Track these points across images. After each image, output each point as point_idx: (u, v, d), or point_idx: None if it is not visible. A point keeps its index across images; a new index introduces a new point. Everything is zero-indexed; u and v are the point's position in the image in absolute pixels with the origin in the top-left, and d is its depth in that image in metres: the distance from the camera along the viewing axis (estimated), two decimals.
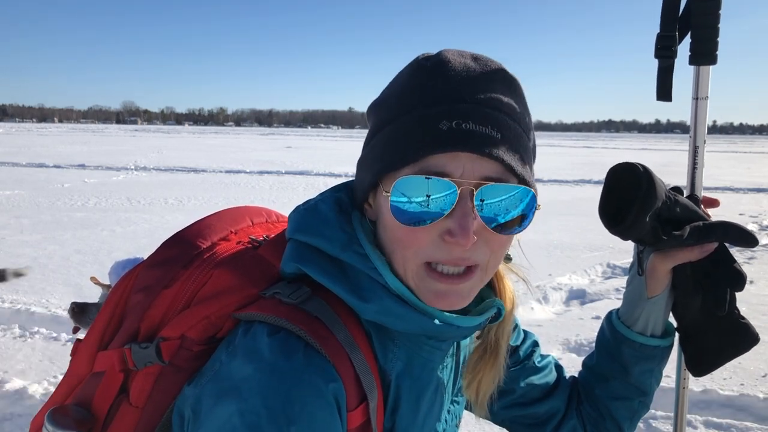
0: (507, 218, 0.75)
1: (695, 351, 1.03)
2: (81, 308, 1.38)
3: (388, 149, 0.77)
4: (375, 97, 0.85)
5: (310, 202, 0.85)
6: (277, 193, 12.62)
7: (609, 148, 44.98)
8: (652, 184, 0.89)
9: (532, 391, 1.10)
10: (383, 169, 0.77)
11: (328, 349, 0.73)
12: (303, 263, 0.79)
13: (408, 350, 0.83)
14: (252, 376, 0.70)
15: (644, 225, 0.89)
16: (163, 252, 0.88)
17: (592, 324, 4.72)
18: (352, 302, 0.78)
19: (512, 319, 0.95)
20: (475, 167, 0.73)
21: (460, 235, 0.72)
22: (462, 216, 0.72)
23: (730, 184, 15.36)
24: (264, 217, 1.00)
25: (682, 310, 1.02)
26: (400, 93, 0.79)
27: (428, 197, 0.73)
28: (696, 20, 1.00)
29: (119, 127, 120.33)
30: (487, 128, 0.73)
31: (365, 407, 0.76)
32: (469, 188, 0.72)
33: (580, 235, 8.19)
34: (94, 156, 23.02)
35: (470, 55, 0.79)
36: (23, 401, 3.39)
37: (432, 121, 0.73)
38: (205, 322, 0.79)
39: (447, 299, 0.77)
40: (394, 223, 0.75)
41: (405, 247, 0.76)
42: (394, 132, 0.76)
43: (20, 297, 5.14)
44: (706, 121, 1.06)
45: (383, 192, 0.77)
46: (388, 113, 0.79)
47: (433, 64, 0.77)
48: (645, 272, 1.00)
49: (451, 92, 0.74)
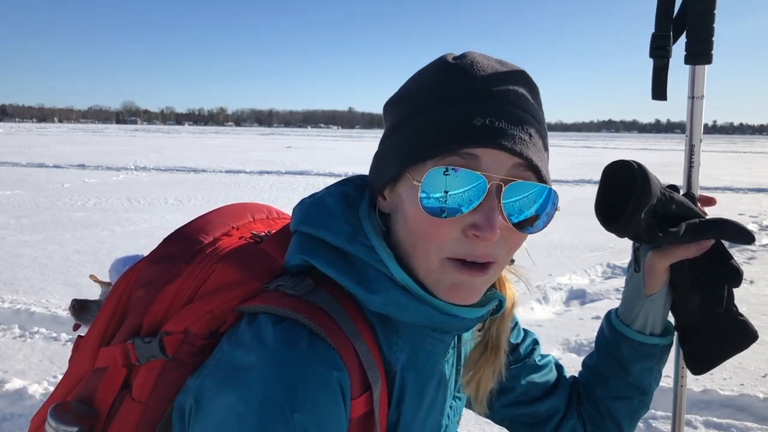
0: (528, 215, 0.77)
1: (694, 349, 1.03)
2: (81, 305, 1.39)
3: (416, 142, 0.77)
4: (392, 94, 0.86)
5: (315, 195, 0.86)
6: (277, 193, 12.62)
7: (609, 148, 44.98)
8: (647, 181, 0.89)
9: (532, 389, 1.10)
10: (411, 161, 0.77)
11: (332, 337, 0.73)
12: (309, 255, 0.79)
13: (412, 342, 0.83)
14: (256, 365, 0.70)
15: (640, 222, 0.90)
16: (164, 248, 0.88)
17: (592, 324, 4.72)
18: (358, 293, 0.78)
19: (512, 316, 0.96)
20: (503, 164, 0.75)
21: (487, 229, 0.73)
22: (489, 210, 0.74)
23: (729, 184, 15.30)
24: (265, 214, 1.00)
25: (681, 308, 1.02)
26: (428, 88, 0.80)
27: (457, 190, 0.74)
28: (691, 19, 1.01)
29: (119, 127, 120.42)
30: (517, 128, 0.75)
31: (369, 396, 0.76)
32: (498, 184, 0.74)
33: (580, 235, 8.19)
34: (94, 156, 23.03)
35: (495, 59, 0.82)
36: (23, 401, 3.39)
37: (466, 116, 0.74)
38: (209, 316, 0.80)
39: (462, 292, 0.78)
40: (419, 215, 0.76)
41: (428, 240, 0.77)
42: (425, 125, 0.77)
43: (20, 297, 5.14)
44: (702, 119, 1.07)
45: (413, 181, 0.77)
46: (417, 107, 0.80)
47: (463, 63, 0.79)
48: (642, 270, 1.01)
49: (482, 90, 0.76)
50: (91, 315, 1.38)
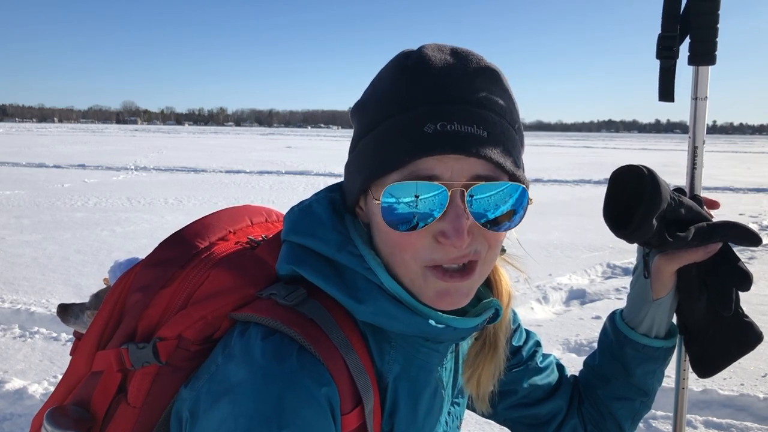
0: (497, 214, 0.75)
1: (701, 352, 1.02)
2: (63, 308, 1.40)
3: (375, 155, 0.76)
4: (357, 99, 0.84)
5: (304, 202, 0.85)
6: (277, 193, 12.61)
7: (609, 148, 44.94)
8: (657, 186, 0.88)
9: (535, 391, 1.10)
10: (371, 176, 0.76)
11: (322, 351, 0.73)
12: (297, 265, 0.79)
13: (405, 352, 0.82)
14: (245, 380, 0.70)
15: (650, 227, 0.89)
16: (161, 252, 0.88)
17: (592, 324, 4.71)
18: (346, 303, 0.77)
19: (510, 311, 0.95)
20: (463, 168, 0.73)
21: (454, 237, 0.72)
22: (455, 218, 0.72)
23: (730, 184, 15.34)
24: (264, 217, 0.99)
25: (687, 311, 1.01)
26: (382, 96, 0.78)
27: (419, 201, 0.72)
28: (695, 20, 1.00)
29: (119, 127, 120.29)
30: (473, 127, 0.72)
31: (361, 410, 0.75)
32: (459, 189, 0.72)
33: (580, 235, 8.18)
34: (94, 156, 23.02)
35: (450, 50, 0.78)
36: (23, 401, 3.39)
37: (417, 125, 0.73)
38: (202, 322, 0.79)
39: (449, 298, 0.77)
40: (388, 229, 0.75)
41: (402, 250, 0.76)
42: (380, 137, 0.76)
43: (20, 297, 5.14)
44: (705, 121, 1.06)
45: (374, 200, 0.76)
46: (373, 117, 0.78)
47: (414, 63, 0.76)
48: (651, 275, 0.99)
49: (433, 93, 0.74)
50: (72, 316, 1.40)
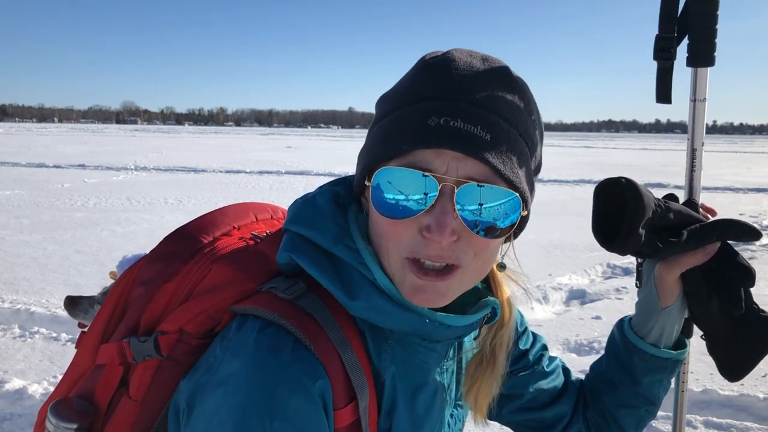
0: (485, 219, 0.74)
1: (726, 356, 1.00)
2: (72, 301, 1.40)
3: (378, 143, 0.77)
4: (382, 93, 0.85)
5: (308, 194, 0.86)
6: (277, 193, 12.61)
7: (609, 148, 44.95)
8: (639, 196, 0.88)
9: (540, 395, 1.09)
10: (371, 162, 0.77)
11: (317, 345, 0.73)
12: (295, 253, 0.79)
13: (403, 351, 0.82)
14: (239, 371, 0.70)
15: (638, 237, 0.89)
16: (165, 246, 0.89)
17: (592, 324, 4.71)
18: (339, 297, 0.77)
19: (510, 329, 0.92)
20: (459, 166, 0.72)
21: (437, 232, 0.72)
22: (441, 213, 0.72)
23: (730, 184, 15.30)
24: (269, 213, 1.00)
25: (702, 316, 0.99)
26: (400, 89, 0.80)
27: (410, 191, 0.72)
28: (694, 22, 1.00)
29: (119, 127, 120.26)
30: (476, 128, 0.72)
31: (355, 406, 0.75)
32: (450, 186, 0.72)
33: (580, 235, 8.18)
34: (94, 156, 23.02)
35: (480, 56, 0.78)
36: (23, 401, 3.39)
37: (421, 117, 0.73)
38: (203, 316, 0.80)
39: (423, 294, 0.76)
40: (378, 216, 0.76)
41: (387, 240, 0.76)
42: (386, 126, 0.77)
43: (20, 297, 5.14)
44: (704, 123, 1.06)
45: (366, 182, 0.77)
46: (386, 107, 0.80)
47: (436, 62, 0.77)
48: (654, 283, 0.99)
49: (445, 90, 0.74)
50: (81, 310, 1.39)
